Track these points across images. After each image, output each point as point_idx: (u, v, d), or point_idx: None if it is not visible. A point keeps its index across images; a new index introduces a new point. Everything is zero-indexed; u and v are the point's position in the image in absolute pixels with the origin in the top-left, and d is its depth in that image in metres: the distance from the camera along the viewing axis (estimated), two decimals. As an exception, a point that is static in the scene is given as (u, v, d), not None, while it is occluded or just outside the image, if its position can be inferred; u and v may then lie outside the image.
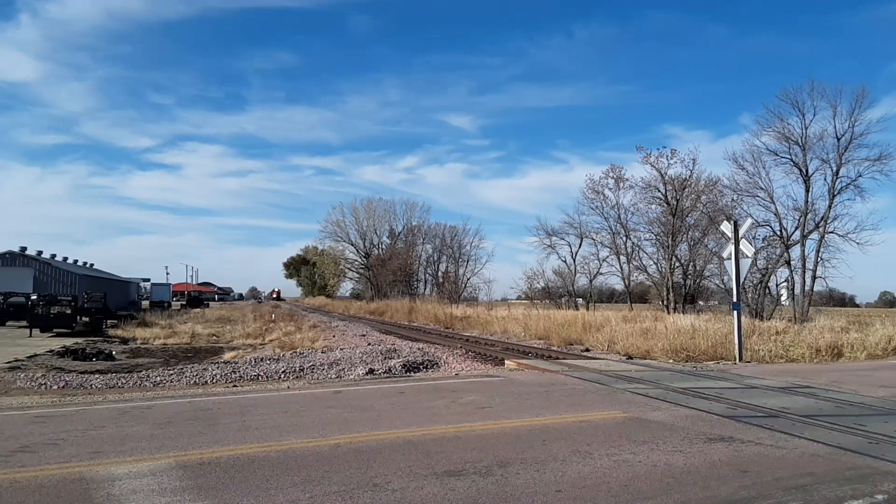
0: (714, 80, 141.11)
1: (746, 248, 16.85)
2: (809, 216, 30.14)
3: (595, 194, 42.26)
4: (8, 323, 32.97)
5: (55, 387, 12.60)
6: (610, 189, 41.78)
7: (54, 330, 28.89)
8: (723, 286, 33.29)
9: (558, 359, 17.22)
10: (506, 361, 16.33)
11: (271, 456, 6.07)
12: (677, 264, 37.31)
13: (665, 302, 36.50)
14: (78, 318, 30.85)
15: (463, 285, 63.56)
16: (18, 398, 10.71)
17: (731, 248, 16.90)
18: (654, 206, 38.81)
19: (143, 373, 14.18)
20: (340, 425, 7.62)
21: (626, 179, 40.94)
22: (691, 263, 37.20)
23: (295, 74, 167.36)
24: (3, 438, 6.87)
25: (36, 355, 19.16)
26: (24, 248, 50.53)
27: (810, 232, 30.22)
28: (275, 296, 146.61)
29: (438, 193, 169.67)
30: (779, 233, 31.00)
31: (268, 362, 15.94)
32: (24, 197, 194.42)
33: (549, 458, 6.02)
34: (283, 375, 13.96)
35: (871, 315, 29.64)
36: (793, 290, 30.43)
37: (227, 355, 20.21)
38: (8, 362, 16.89)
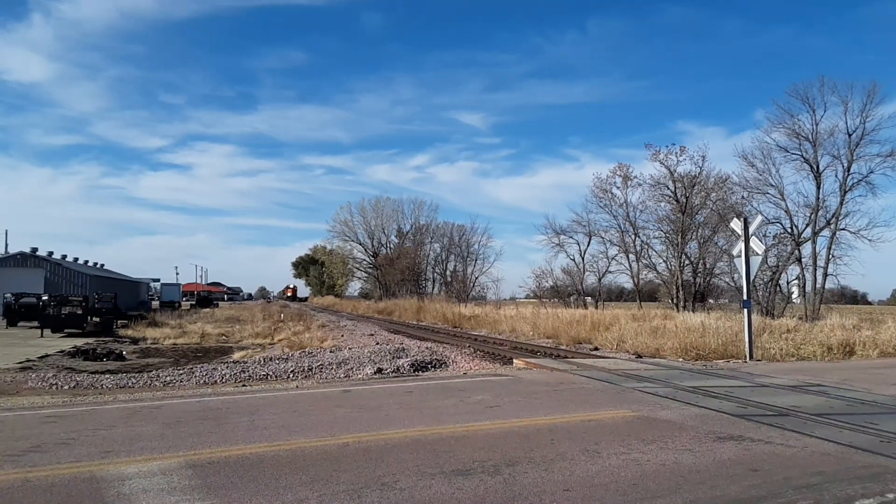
0: (729, 75, 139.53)
1: (757, 246, 16.72)
2: (820, 213, 29.90)
3: (603, 193, 42.09)
4: (20, 323, 33.24)
5: (66, 387, 12.71)
6: (618, 187, 41.65)
7: (65, 330, 29.09)
8: (733, 284, 33.07)
9: (567, 358, 17.18)
10: (514, 360, 16.31)
11: (280, 455, 6.09)
12: (687, 262, 37.09)
13: (675, 300, 36.30)
14: (89, 318, 31.06)
15: (471, 284, 63.53)
16: (30, 398, 10.82)
17: (741, 245, 16.78)
18: (663, 204, 38.63)
19: (153, 373, 14.27)
20: (349, 424, 7.63)
21: (635, 177, 40.78)
22: (701, 261, 36.98)
23: (306, 73, 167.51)
24: (15, 438, 6.93)
25: (47, 355, 19.32)
26: (35, 249, 50.92)
27: (821, 229, 29.98)
28: (289, 294, 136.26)
29: (449, 192, 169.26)
30: (789, 230, 30.79)
31: (277, 362, 16.00)
32: (36, 198, 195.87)
33: (557, 457, 6.00)
34: (291, 375, 14.02)
35: (883, 312, 29.36)
36: (804, 287, 30.20)
37: (237, 355, 20.29)
38: (19, 362, 17.05)
